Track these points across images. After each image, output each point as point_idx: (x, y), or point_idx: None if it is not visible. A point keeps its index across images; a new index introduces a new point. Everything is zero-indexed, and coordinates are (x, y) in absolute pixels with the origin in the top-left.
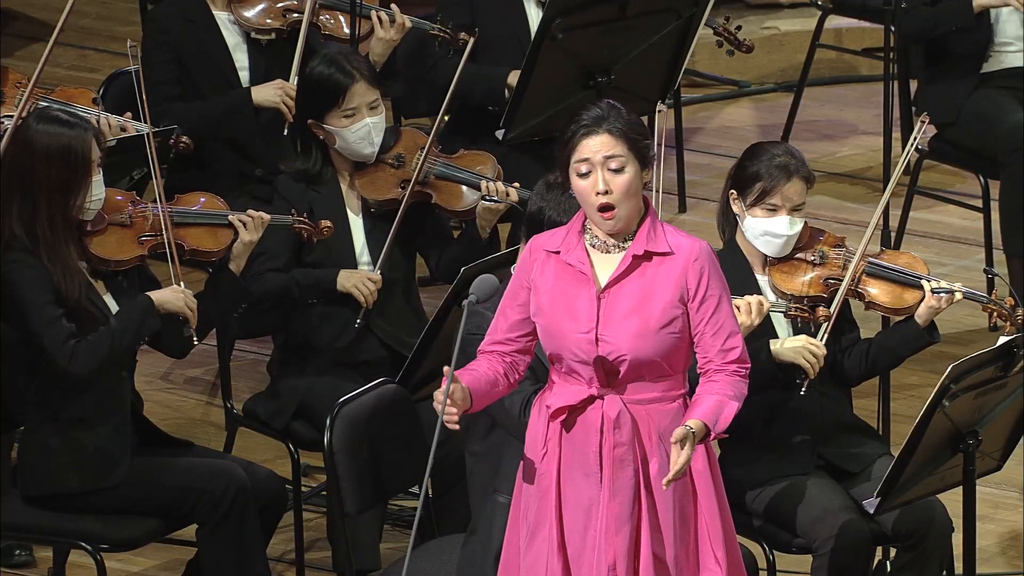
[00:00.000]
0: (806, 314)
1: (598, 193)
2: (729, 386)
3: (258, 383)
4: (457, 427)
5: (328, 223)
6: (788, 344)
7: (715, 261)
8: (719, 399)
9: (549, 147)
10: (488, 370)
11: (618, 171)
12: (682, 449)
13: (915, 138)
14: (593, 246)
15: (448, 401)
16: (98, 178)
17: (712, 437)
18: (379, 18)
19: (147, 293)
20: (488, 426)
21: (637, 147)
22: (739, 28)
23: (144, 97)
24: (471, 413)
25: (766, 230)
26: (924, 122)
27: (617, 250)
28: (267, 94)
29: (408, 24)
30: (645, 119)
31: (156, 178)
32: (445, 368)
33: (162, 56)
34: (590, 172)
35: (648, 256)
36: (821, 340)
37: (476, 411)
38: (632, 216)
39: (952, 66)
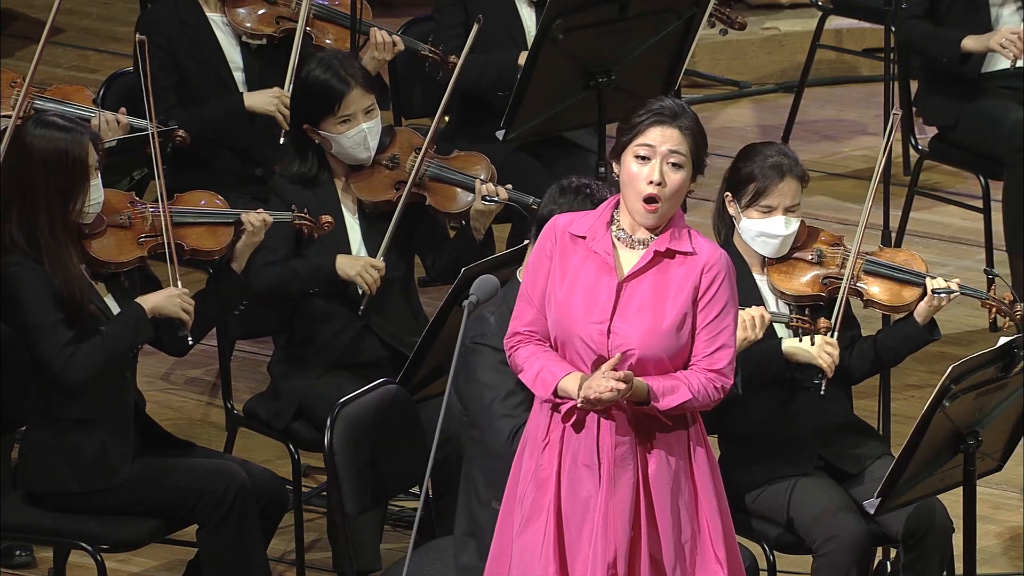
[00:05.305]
0: (808, 324)
1: (650, 182)
2: (699, 383)
3: (258, 383)
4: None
5: (329, 218)
6: (804, 345)
7: (732, 274)
8: (679, 383)
9: (550, 147)
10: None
11: (676, 168)
12: (616, 385)
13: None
14: (619, 239)
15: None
16: (96, 182)
17: (647, 408)
18: (375, 36)
19: (139, 300)
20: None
21: (697, 153)
22: (729, 7)
23: (150, 96)
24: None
25: (762, 231)
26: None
27: (641, 246)
28: (262, 100)
29: (401, 46)
30: None
31: (159, 177)
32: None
33: (159, 62)
34: (649, 159)
35: (671, 254)
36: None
37: None
38: (669, 217)
39: (951, 70)
